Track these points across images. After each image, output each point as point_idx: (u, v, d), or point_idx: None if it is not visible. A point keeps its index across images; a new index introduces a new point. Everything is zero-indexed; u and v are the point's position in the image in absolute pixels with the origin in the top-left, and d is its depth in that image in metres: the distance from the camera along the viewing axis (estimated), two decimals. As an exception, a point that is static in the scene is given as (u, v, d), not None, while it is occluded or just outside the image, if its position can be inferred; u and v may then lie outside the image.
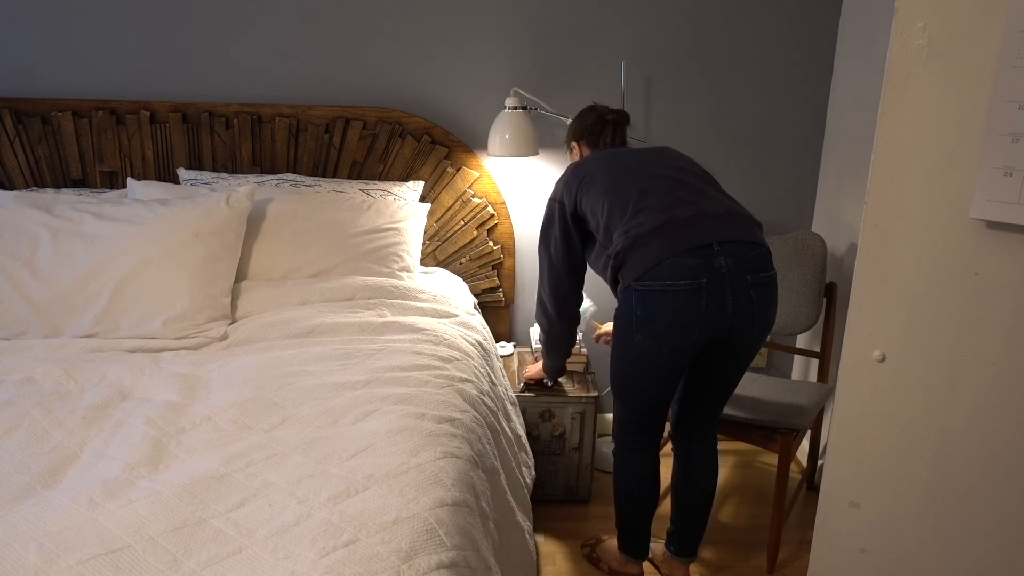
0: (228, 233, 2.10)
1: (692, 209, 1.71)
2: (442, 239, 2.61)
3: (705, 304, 1.66)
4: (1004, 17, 1.03)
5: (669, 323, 1.68)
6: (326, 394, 1.63)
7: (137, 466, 1.37)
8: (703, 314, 1.67)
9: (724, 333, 1.73)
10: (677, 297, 1.66)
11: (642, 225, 1.71)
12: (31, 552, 1.12)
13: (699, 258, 1.66)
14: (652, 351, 1.73)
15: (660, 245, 1.67)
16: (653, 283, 1.67)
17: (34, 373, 1.72)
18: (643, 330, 1.72)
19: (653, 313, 1.69)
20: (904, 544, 1.27)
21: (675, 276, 1.66)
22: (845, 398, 1.27)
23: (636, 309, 1.71)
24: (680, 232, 1.68)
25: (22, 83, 2.49)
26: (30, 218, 2.08)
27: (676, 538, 2.06)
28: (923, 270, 1.16)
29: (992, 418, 1.15)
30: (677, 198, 1.74)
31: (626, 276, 1.73)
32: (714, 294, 1.66)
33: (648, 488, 1.95)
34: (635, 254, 1.70)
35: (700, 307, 1.66)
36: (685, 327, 1.68)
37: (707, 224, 1.69)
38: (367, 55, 2.51)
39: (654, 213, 1.71)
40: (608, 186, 1.81)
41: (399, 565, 1.11)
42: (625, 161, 1.87)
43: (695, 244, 1.66)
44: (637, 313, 1.71)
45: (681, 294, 1.66)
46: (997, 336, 1.13)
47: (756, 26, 2.52)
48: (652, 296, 1.68)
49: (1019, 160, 1.04)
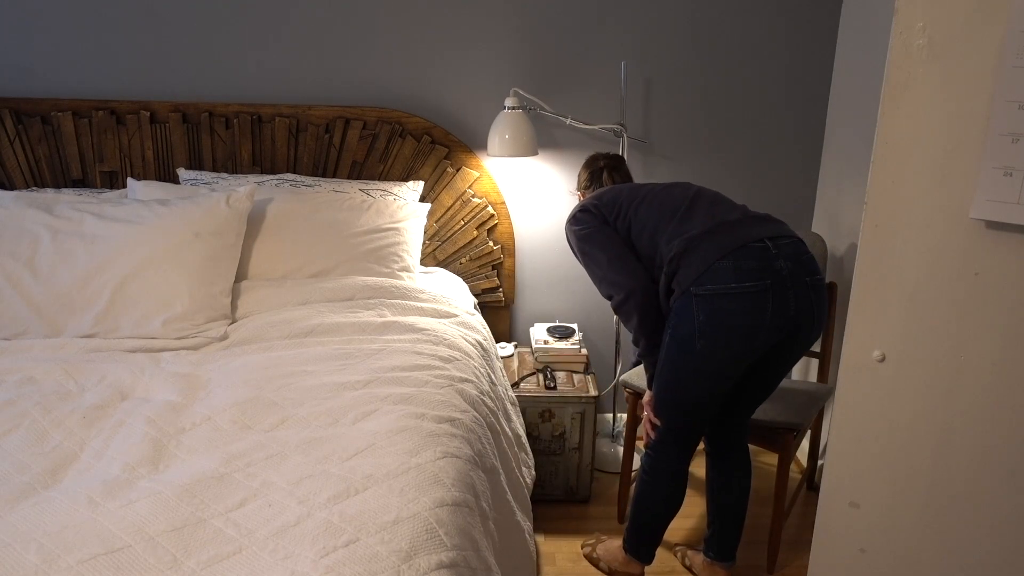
0: (228, 233, 2.10)
1: (737, 213, 1.74)
2: (442, 239, 2.61)
3: (772, 306, 1.64)
4: (1004, 17, 1.03)
5: (735, 327, 1.64)
6: (326, 394, 1.63)
7: (137, 466, 1.37)
8: (770, 316, 1.64)
9: (786, 336, 1.70)
10: (742, 300, 1.63)
11: (694, 228, 1.71)
12: (31, 552, 1.12)
13: (759, 260, 1.64)
14: (716, 358, 1.68)
15: (715, 244, 1.66)
16: (716, 287, 1.64)
17: (34, 373, 1.72)
18: (707, 336, 1.66)
19: (718, 318, 1.65)
20: (904, 544, 1.27)
21: (738, 279, 1.63)
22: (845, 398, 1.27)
23: (698, 315, 1.66)
24: (733, 231, 1.68)
25: (22, 83, 2.49)
26: (30, 218, 2.08)
27: (715, 542, 2.03)
28: (923, 270, 1.16)
29: (992, 418, 1.15)
30: (719, 208, 1.77)
31: (683, 281, 1.69)
32: (779, 296, 1.64)
33: (675, 503, 1.91)
34: (690, 257, 1.68)
35: (767, 309, 1.64)
36: (753, 330, 1.65)
37: (755, 224, 1.71)
38: (367, 55, 2.51)
39: (703, 218, 1.73)
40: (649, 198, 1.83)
41: (399, 565, 1.11)
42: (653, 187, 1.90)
43: (750, 239, 1.66)
44: (699, 319, 1.66)
45: (746, 297, 1.63)
46: (997, 336, 1.13)
47: (756, 26, 2.52)
48: (715, 300, 1.64)
49: (1019, 160, 1.04)
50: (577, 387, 2.40)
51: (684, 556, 2.17)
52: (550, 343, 2.54)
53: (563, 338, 2.57)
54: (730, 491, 1.98)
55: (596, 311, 2.79)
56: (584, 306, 2.78)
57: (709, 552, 2.06)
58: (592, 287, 2.76)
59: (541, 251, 2.72)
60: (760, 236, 1.67)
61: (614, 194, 1.90)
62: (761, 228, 1.71)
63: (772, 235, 1.69)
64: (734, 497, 1.98)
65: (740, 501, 1.99)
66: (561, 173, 2.64)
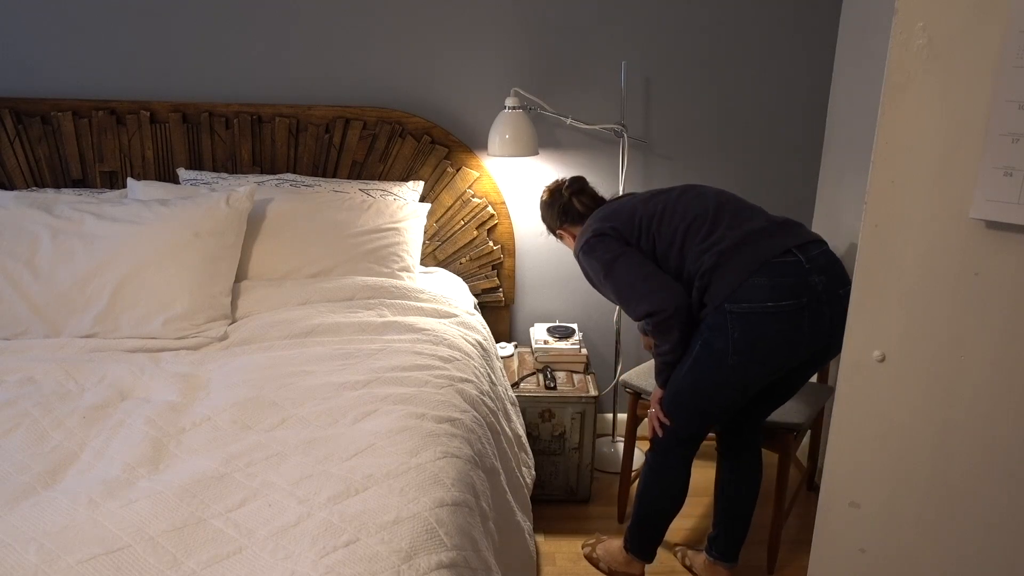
0: (228, 233, 2.10)
1: (761, 220, 1.72)
2: (442, 239, 2.61)
3: (808, 324, 1.63)
4: (1004, 17, 1.03)
5: (772, 347, 1.64)
6: (326, 394, 1.63)
7: (137, 466, 1.37)
8: (807, 335, 1.64)
9: (822, 347, 1.70)
10: (779, 320, 1.62)
11: (723, 241, 1.68)
12: (31, 552, 1.12)
13: (795, 276, 1.63)
14: (748, 372, 1.68)
15: (747, 259, 1.65)
16: (751, 305, 1.63)
17: (34, 373, 1.72)
18: (741, 353, 1.66)
19: (754, 336, 1.64)
20: (904, 544, 1.27)
21: (775, 297, 1.62)
22: (845, 398, 1.27)
23: (733, 332, 1.65)
24: (761, 242, 1.67)
25: (22, 83, 2.49)
26: (30, 218, 2.08)
27: (720, 542, 2.03)
28: (923, 270, 1.16)
29: (992, 418, 1.15)
30: (743, 216, 1.74)
31: (715, 297, 1.67)
32: (815, 313, 1.63)
33: (680, 501, 1.92)
34: (722, 271, 1.66)
35: (803, 327, 1.63)
36: (790, 348, 1.65)
37: (781, 232, 1.69)
38: (367, 55, 2.51)
39: (730, 228, 1.71)
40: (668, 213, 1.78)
41: (399, 565, 1.11)
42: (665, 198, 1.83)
43: (780, 251, 1.64)
44: (734, 336, 1.65)
45: (783, 315, 1.62)
46: (997, 336, 1.12)
47: (756, 26, 2.52)
48: (751, 319, 1.63)
49: (1019, 160, 1.04)
50: (577, 387, 2.40)
51: (684, 556, 2.17)
52: (550, 343, 2.54)
53: (563, 338, 2.57)
54: (740, 492, 1.98)
55: (596, 311, 2.79)
56: (584, 306, 2.78)
57: (712, 552, 2.05)
58: (590, 287, 2.75)
59: (541, 251, 2.72)
60: (788, 247, 1.65)
61: (627, 213, 1.83)
62: (787, 237, 1.69)
63: (800, 244, 1.67)
64: (743, 498, 1.98)
65: (749, 502, 1.99)
66: (561, 173, 2.64)
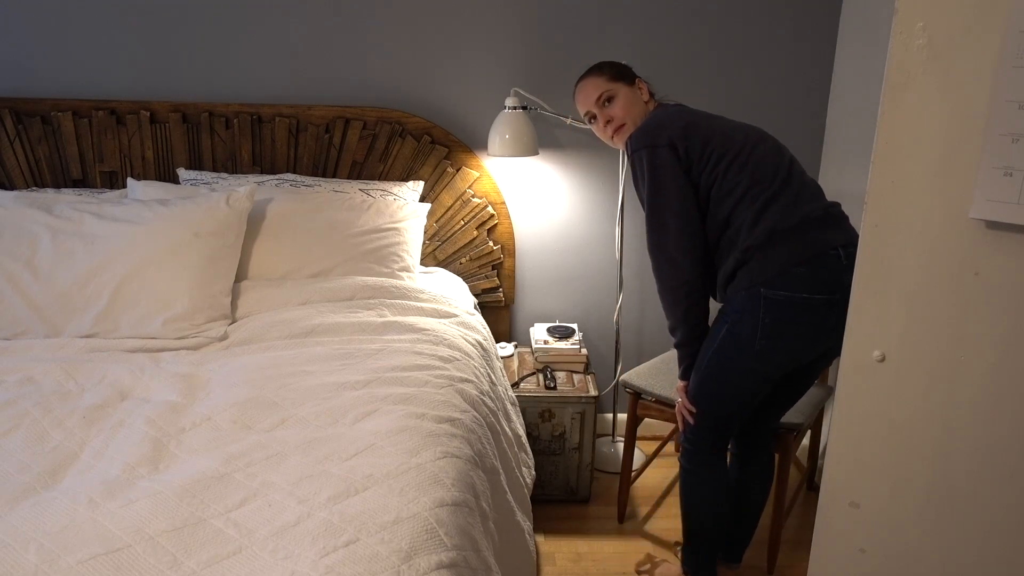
0: (228, 233, 2.10)
1: (819, 207, 1.67)
2: (442, 239, 2.61)
3: (835, 320, 1.61)
4: (1004, 17, 1.03)
5: (801, 335, 1.63)
6: (326, 394, 1.63)
7: (137, 466, 1.37)
8: (832, 328, 1.62)
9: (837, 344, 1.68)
10: (813, 311, 1.61)
11: (779, 219, 1.63)
12: (31, 552, 1.12)
13: (832, 272, 1.61)
14: (772, 360, 1.66)
15: (796, 247, 1.61)
16: (790, 293, 1.60)
17: (34, 373, 1.72)
18: (769, 338, 1.63)
19: (784, 324, 1.62)
20: (904, 544, 1.27)
21: (812, 289, 1.60)
22: (845, 398, 1.27)
23: (764, 317, 1.62)
24: (814, 233, 1.63)
25: (22, 83, 2.49)
26: (30, 218, 2.08)
27: (726, 544, 1.99)
28: (923, 270, 1.16)
29: (992, 418, 1.15)
30: (805, 195, 1.68)
31: (754, 277, 1.63)
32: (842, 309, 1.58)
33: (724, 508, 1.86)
34: (768, 253, 1.62)
35: (831, 322, 1.62)
36: (814, 341, 1.64)
37: (833, 225, 1.66)
38: (367, 55, 2.51)
39: (790, 206, 1.64)
40: (742, 158, 1.67)
41: (399, 565, 1.11)
42: (746, 137, 1.72)
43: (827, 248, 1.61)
44: (765, 321, 1.63)
45: (817, 308, 1.61)
46: (997, 336, 1.12)
47: (756, 27, 2.52)
48: (784, 306, 1.61)
49: (1019, 160, 1.04)
50: (577, 387, 2.40)
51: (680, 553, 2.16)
52: (550, 343, 2.54)
53: (563, 338, 2.57)
54: (750, 494, 1.96)
55: (596, 311, 2.79)
56: (584, 306, 2.78)
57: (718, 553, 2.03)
58: (591, 287, 2.76)
59: (541, 251, 2.72)
60: (836, 244, 1.62)
61: (704, 132, 1.69)
62: (838, 233, 1.65)
63: (845, 243, 1.63)
64: (753, 500, 1.96)
65: (758, 505, 1.96)
66: (561, 173, 2.64)
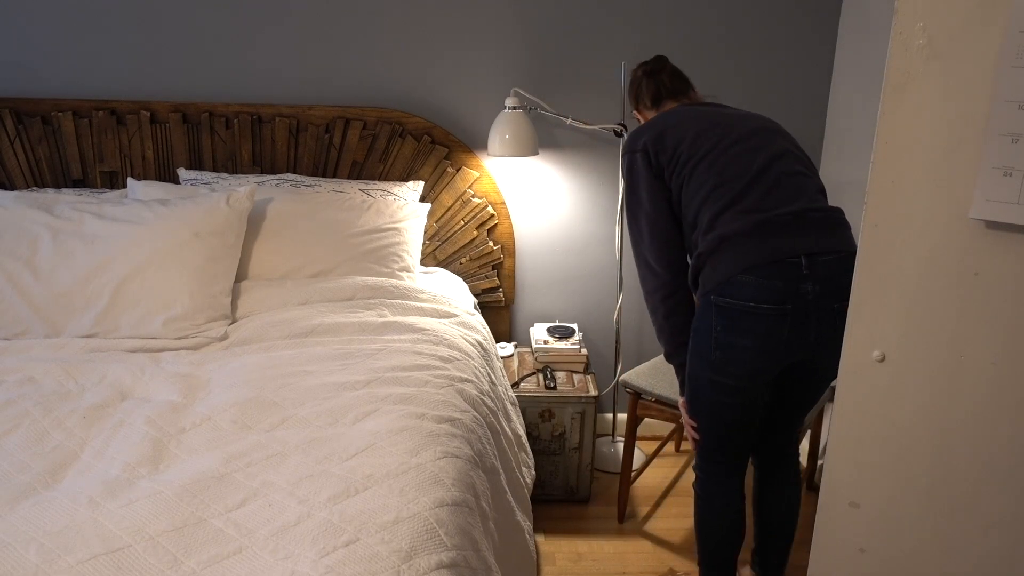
0: (228, 233, 2.10)
1: (788, 210, 1.56)
2: (442, 239, 2.61)
3: (788, 331, 1.55)
4: (1004, 17, 1.03)
5: (748, 347, 1.58)
6: (326, 394, 1.63)
7: (137, 466, 1.37)
8: (785, 341, 1.56)
9: (806, 358, 1.62)
10: (759, 320, 1.55)
11: (734, 223, 1.56)
12: (31, 552, 1.12)
13: (786, 280, 1.52)
14: (729, 371, 1.62)
15: (744, 253, 1.54)
16: (736, 301, 1.55)
17: (34, 373, 1.72)
18: (722, 347, 1.60)
19: (733, 334, 1.58)
20: (904, 544, 1.27)
21: (759, 298, 1.53)
22: (845, 398, 1.27)
23: (716, 325, 1.59)
24: (771, 238, 1.54)
25: (22, 83, 2.49)
26: (30, 218, 2.08)
27: (760, 557, 1.94)
28: (923, 270, 1.16)
29: (992, 418, 1.15)
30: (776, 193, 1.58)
31: (705, 283, 1.60)
32: (797, 321, 1.54)
33: (738, 526, 1.81)
34: (717, 259, 1.57)
35: (783, 334, 1.55)
36: (766, 352, 1.58)
37: (804, 230, 1.55)
38: (367, 55, 2.51)
39: (752, 206, 1.57)
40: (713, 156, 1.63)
41: (399, 565, 1.11)
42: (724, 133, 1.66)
43: (785, 255, 1.52)
44: (717, 329, 1.59)
45: (763, 318, 1.54)
46: (997, 336, 1.12)
47: (756, 26, 2.52)
48: (733, 314, 1.57)
49: (1019, 160, 1.04)
50: (577, 387, 2.40)
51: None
52: (550, 343, 2.54)
53: (563, 338, 2.57)
54: (777, 506, 1.89)
55: (596, 311, 2.79)
56: (584, 306, 2.78)
57: (755, 567, 1.98)
58: (591, 287, 2.76)
59: (541, 251, 2.72)
60: (798, 251, 1.52)
61: (679, 134, 1.67)
62: (805, 239, 1.54)
63: (812, 251, 1.52)
64: (783, 512, 1.89)
65: (790, 516, 1.89)
66: (561, 173, 2.64)
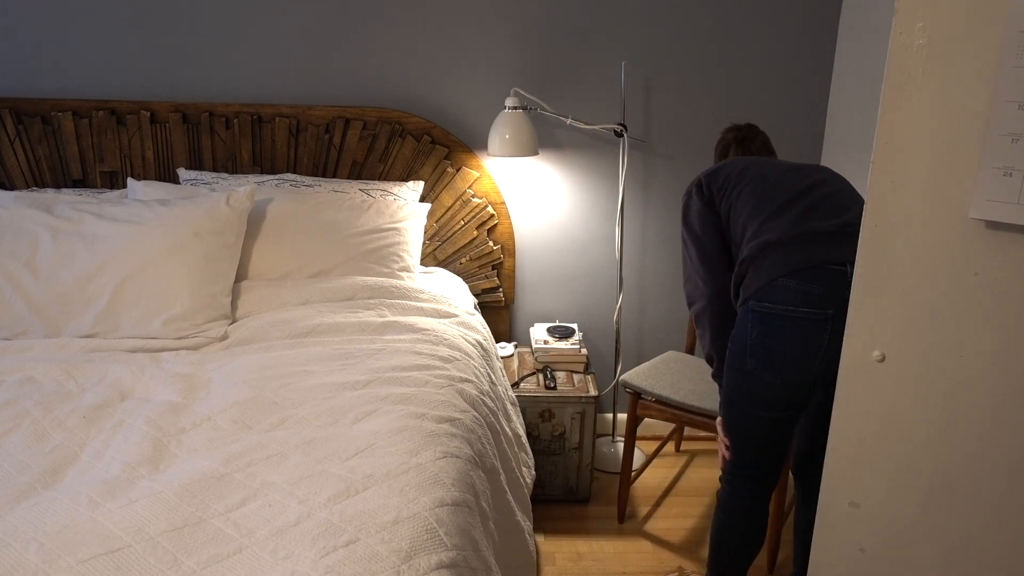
0: (228, 233, 2.10)
1: (835, 222, 1.55)
2: (442, 239, 2.61)
3: (828, 338, 1.51)
4: (1004, 17, 1.03)
5: (787, 353, 1.52)
6: (326, 394, 1.63)
7: (137, 466, 1.37)
8: (825, 348, 1.51)
9: None
10: (798, 326, 1.51)
11: (776, 231, 1.56)
12: (31, 552, 1.12)
13: (828, 286, 1.49)
14: (764, 381, 1.56)
15: (786, 258, 1.52)
16: (774, 305, 1.52)
17: (34, 373, 1.72)
18: (758, 356, 1.56)
19: (771, 340, 1.53)
20: (904, 544, 1.27)
21: (799, 303, 1.50)
22: (845, 398, 1.27)
23: (751, 331, 1.55)
24: (813, 246, 1.53)
25: (22, 83, 2.49)
26: (30, 218, 2.08)
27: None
28: (923, 270, 1.16)
29: (992, 418, 1.15)
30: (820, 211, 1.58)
31: (746, 290, 1.58)
32: (837, 329, 1.50)
33: (754, 540, 1.76)
34: (759, 265, 1.55)
35: (823, 340, 1.51)
36: (805, 360, 1.52)
37: (848, 240, 1.51)
38: (367, 55, 2.51)
39: (793, 220, 1.56)
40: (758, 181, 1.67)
41: (399, 565, 1.11)
42: (776, 169, 1.70)
43: (825, 261, 1.51)
44: (752, 336, 1.55)
45: (803, 323, 1.50)
46: (997, 336, 1.12)
47: (756, 26, 2.52)
48: (771, 320, 1.53)
49: (1019, 160, 1.04)
50: (577, 387, 2.40)
51: None
52: (550, 343, 2.54)
53: (563, 338, 2.57)
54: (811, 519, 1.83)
55: (596, 311, 2.79)
56: (584, 306, 2.78)
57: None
58: (591, 287, 2.76)
59: (541, 251, 2.72)
60: (843, 260, 1.50)
61: (731, 168, 1.73)
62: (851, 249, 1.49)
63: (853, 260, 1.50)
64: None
65: None
66: (561, 173, 2.64)
